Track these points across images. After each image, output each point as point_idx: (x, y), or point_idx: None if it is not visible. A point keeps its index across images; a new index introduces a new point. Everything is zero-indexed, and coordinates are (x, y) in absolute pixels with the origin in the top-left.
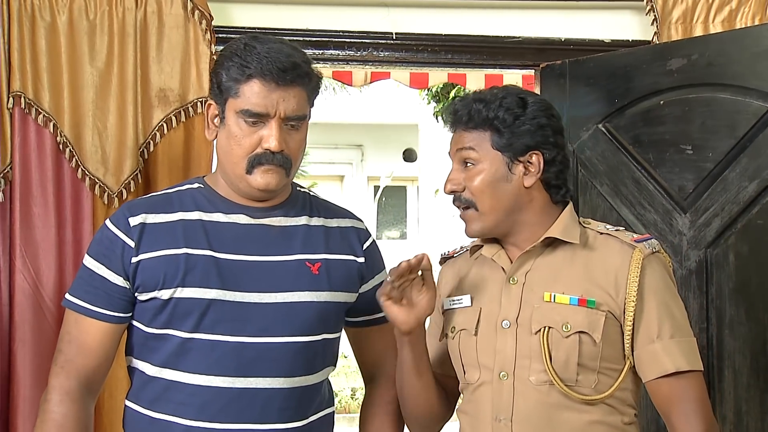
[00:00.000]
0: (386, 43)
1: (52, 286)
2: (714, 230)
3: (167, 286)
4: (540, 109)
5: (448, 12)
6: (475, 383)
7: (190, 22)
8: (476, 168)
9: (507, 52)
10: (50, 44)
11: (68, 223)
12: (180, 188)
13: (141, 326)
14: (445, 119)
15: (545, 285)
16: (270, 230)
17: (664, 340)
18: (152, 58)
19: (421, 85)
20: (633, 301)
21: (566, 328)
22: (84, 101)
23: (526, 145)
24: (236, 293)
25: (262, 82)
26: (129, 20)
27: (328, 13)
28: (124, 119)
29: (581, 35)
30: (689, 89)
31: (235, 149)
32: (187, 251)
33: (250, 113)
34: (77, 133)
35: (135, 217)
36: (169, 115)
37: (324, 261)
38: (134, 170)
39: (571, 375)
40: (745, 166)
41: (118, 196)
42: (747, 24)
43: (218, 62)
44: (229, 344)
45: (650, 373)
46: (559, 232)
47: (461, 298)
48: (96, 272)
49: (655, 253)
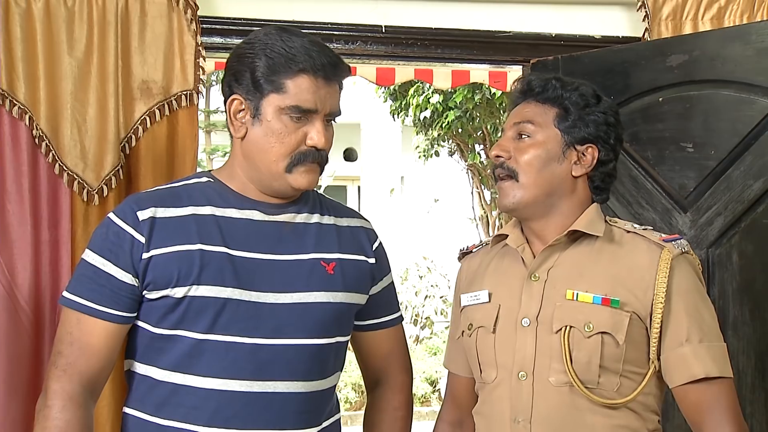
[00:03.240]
0: (375, 36)
1: (27, 288)
2: (717, 229)
3: (181, 283)
4: (611, 109)
5: (438, 5)
6: (491, 383)
7: (174, 11)
8: (531, 140)
9: (498, 47)
10: (25, 32)
11: (45, 222)
12: (186, 182)
13: (147, 327)
14: (515, 90)
15: (568, 282)
16: (283, 227)
17: (693, 344)
18: (134, 48)
19: (387, 82)
20: (661, 303)
21: (588, 328)
22: (62, 93)
23: (587, 134)
24: (252, 292)
25: (311, 77)
26: (110, 8)
27: (315, 5)
28: (104, 112)
29: (572, 31)
30: (690, 86)
31: (277, 147)
32: (201, 247)
33: (299, 109)
34: (54, 127)
35: (144, 211)
36: (153, 108)
37: (338, 261)
38: (115, 166)
39: (592, 377)
40: (749, 164)
41: (99, 192)
42: (736, 22)
43: (245, 55)
44: (245, 346)
45: (678, 379)
46: (584, 225)
47: (478, 294)
48: (101, 269)
49: (684, 253)
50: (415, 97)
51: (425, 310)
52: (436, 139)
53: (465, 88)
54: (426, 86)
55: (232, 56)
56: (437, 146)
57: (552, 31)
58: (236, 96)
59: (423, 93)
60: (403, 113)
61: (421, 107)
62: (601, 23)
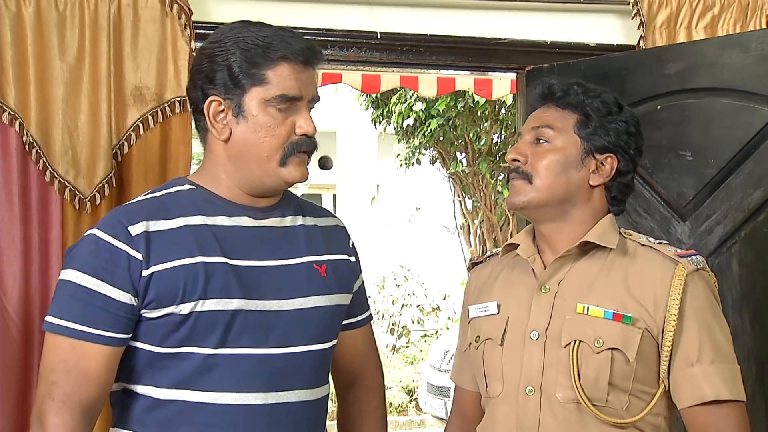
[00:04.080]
0: (370, 42)
1: (17, 298)
2: (716, 238)
3: (187, 299)
4: (633, 119)
5: (433, 12)
6: (497, 397)
7: (168, 16)
8: (550, 145)
9: (493, 54)
10: (16, 36)
11: (35, 230)
12: (168, 191)
13: (147, 347)
14: (534, 93)
15: (579, 295)
16: (273, 232)
17: (704, 365)
18: (127, 53)
19: (373, 89)
20: (673, 321)
21: (598, 344)
22: (53, 98)
23: (607, 143)
24: (257, 302)
25: (290, 64)
26: (102, 12)
27: (310, 11)
28: (96, 118)
29: (567, 38)
30: (689, 93)
31: (268, 141)
32: (202, 259)
33: (285, 98)
34: (45, 133)
35: (135, 226)
36: (146, 114)
37: (328, 262)
38: (108, 173)
39: (600, 394)
40: (749, 173)
41: (91, 200)
42: (729, 30)
43: (216, 54)
44: (256, 357)
45: (686, 400)
46: (596, 236)
47: (487, 305)
48: (95, 290)
49: (699, 270)
50: (397, 104)
51: (402, 318)
52: (418, 147)
53: (448, 96)
54: (408, 94)
55: (198, 59)
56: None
57: (547, 38)
58: (214, 97)
59: (406, 101)
60: (385, 121)
61: (404, 115)
62: (595, 31)
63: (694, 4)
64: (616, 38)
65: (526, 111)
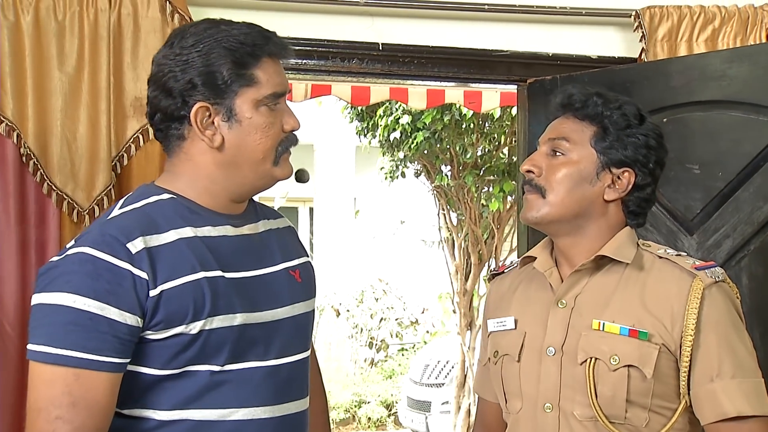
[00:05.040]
0: (372, 54)
1: (13, 313)
2: (725, 252)
3: (197, 317)
4: (654, 131)
5: (435, 23)
6: (516, 413)
7: (169, 26)
8: (564, 158)
9: (495, 66)
10: (14, 46)
11: (32, 243)
12: (147, 201)
13: (149, 371)
14: (555, 102)
15: (595, 311)
16: (252, 240)
17: (725, 380)
18: (127, 64)
19: (362, 102)
20: (690, 336)
21: (614, 361)
22: (51, 109)
23: (624, 157)
24: (256, 314)
25: (273, 59)
26: (102, 22)
27: (311, 21)
28: (96, 130)
29: (568, 50)
30: (695, 106)
31: (263, 142)
32: (204, 275)
33: (276, 96)
34: (43, 144)
35: (133, 242)
36: (146, 126)
37: (300, 266)
38: (107, 185)
39: (618, 411)
40: (759, 186)
41: (89, 213)
42: (729, 44)
43: (193, 59)
44: (262, 370)
45: (709, 416)
46: (612, 251)
47: (504, 320)
48: (99, 314)
49: (718, 282)
50: (383, 117)
51: (380, 332)
52: (403, 160)
53: (434, 109)
54: (395, 107)
55: (169, 65)
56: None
57: (548, 50)
58: (201, 104)
59: (392, 114)
60: (370, 134)
61: (390, 128)
62: (596, 43)
63: (695, 17)
64: (618, 51)
65: (529, 124)
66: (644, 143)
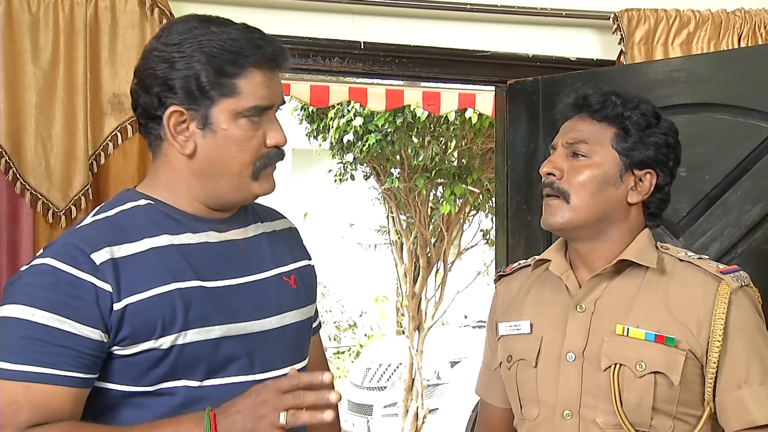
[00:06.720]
0: (353, 53)
1: None
2: (712, 255)
3: (167, 332)
4: (672, 129)
5: (416, 23)
6: (533, 420)
7: (148, 20)
8: (587, 161)
9: (475, 66)
10: None
11: (4, 245)
12: (121, 208)
13: (120, 387)
14: (567, 103)
15: (617, 315)
16: (238, 245)
17: (753, 386)
18: (104, 59)
19: (321, 103)
20: (718, 342)
21: (640, 367)
22: (25, 105)
23: (647, 157)
24: (238, 325)
25: (261, 70)
26: (78, 16)
27: (292, 19)
28: (72, 127)
29: (547, 52)
30: (682, 108)
31: (239, 156)
32: (177, 286)
33: (258, 109)
34: (16, 142)
35: (98, 253)
36: (124, 123)
37: (296, 271)
38: (85, 185)
39: (644, 419)
40: (747, 189)
41: (66, 214)
42: (703, 48)
43: (174, 59)
44: (247, 386)
45: (735, 424)
46: (634, 254)
47: (519, 323)
48: (56, 328)
49: (744, 287)
50: (335, 119)
51: None
52: (352, 162)
53: (387, 112)
54: (346, 109)
55: (152, 62)
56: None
57: (528, 51)
58: (175, 107)
59: (344, 116)
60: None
61: (341, 129)
62: (575, 45)
63: (671, 20)
64: (596, 53)
65: (509, 125)
66: (665, 142)
